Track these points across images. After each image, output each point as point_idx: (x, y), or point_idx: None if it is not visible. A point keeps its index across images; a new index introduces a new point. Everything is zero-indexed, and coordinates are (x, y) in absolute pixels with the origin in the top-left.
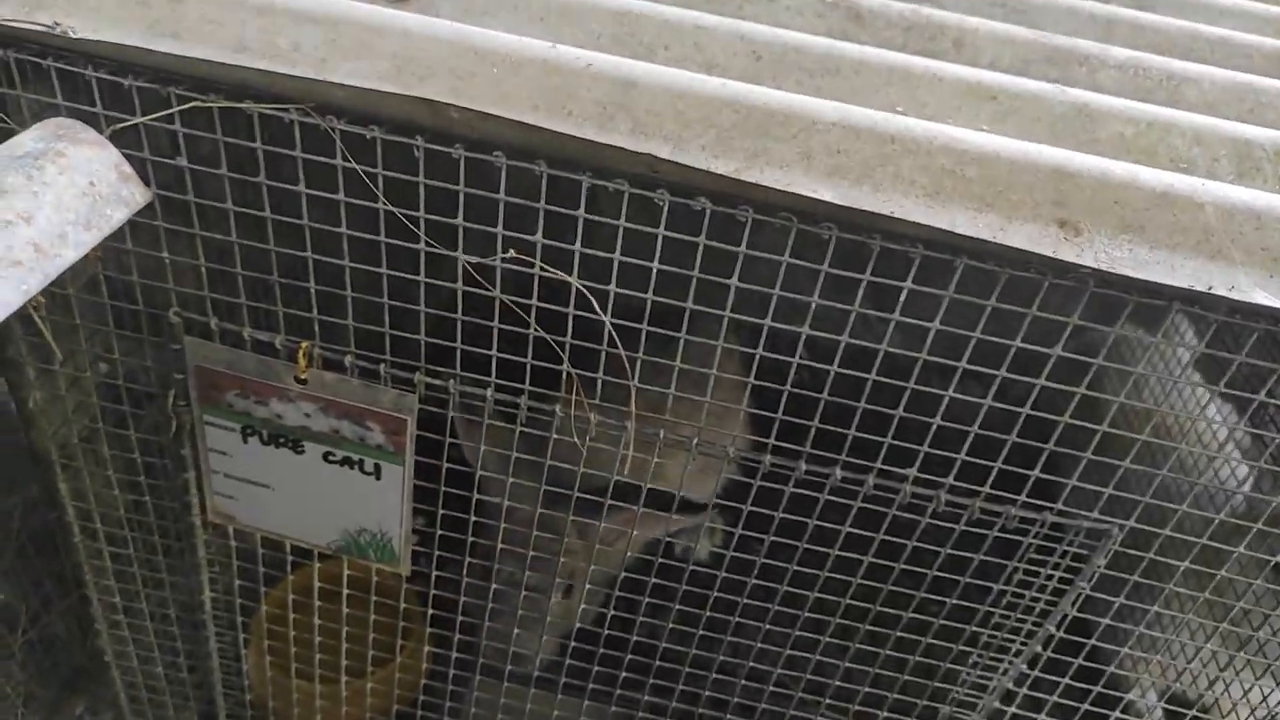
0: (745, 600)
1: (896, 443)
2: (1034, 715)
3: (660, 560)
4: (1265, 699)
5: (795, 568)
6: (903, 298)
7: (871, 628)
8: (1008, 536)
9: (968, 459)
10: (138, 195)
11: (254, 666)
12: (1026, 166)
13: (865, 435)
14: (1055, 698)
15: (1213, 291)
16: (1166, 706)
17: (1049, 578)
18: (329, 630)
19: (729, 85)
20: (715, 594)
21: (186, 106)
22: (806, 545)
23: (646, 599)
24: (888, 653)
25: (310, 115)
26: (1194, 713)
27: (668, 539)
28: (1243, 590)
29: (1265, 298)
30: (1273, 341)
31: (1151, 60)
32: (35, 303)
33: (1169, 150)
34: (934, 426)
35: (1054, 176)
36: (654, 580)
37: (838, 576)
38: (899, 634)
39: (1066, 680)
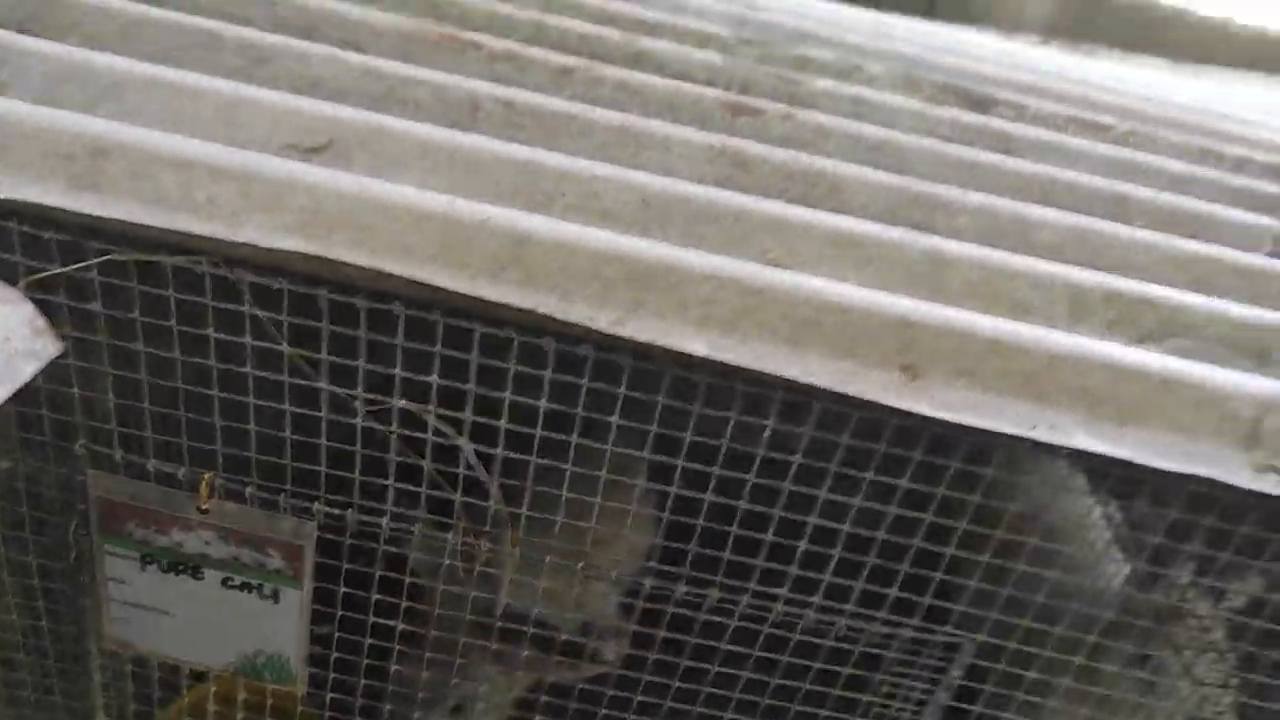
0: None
1: (769, 565)
2: None
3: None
4: None
5: (679, 684)
6: (767, 434)
7: None
8: (877, 652)
9: (834, 579)
10: (50, 348)
11: None
12: (877, 315)
13: (738, 558)
14: None
15: (1035, 433)
16: None
17: (913, 689)
18: None
19: (614, 239)
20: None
21: (103, 260)
22: (688, 663)
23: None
24: None
25: (219, 267)
26: None
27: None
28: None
29: (1085, 440)
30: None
31: (1005, 205)
32: None
33: (1011, 295)
34: (801, 548)
35: (900, 325)
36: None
37: (720, 693)
38: None
39: None
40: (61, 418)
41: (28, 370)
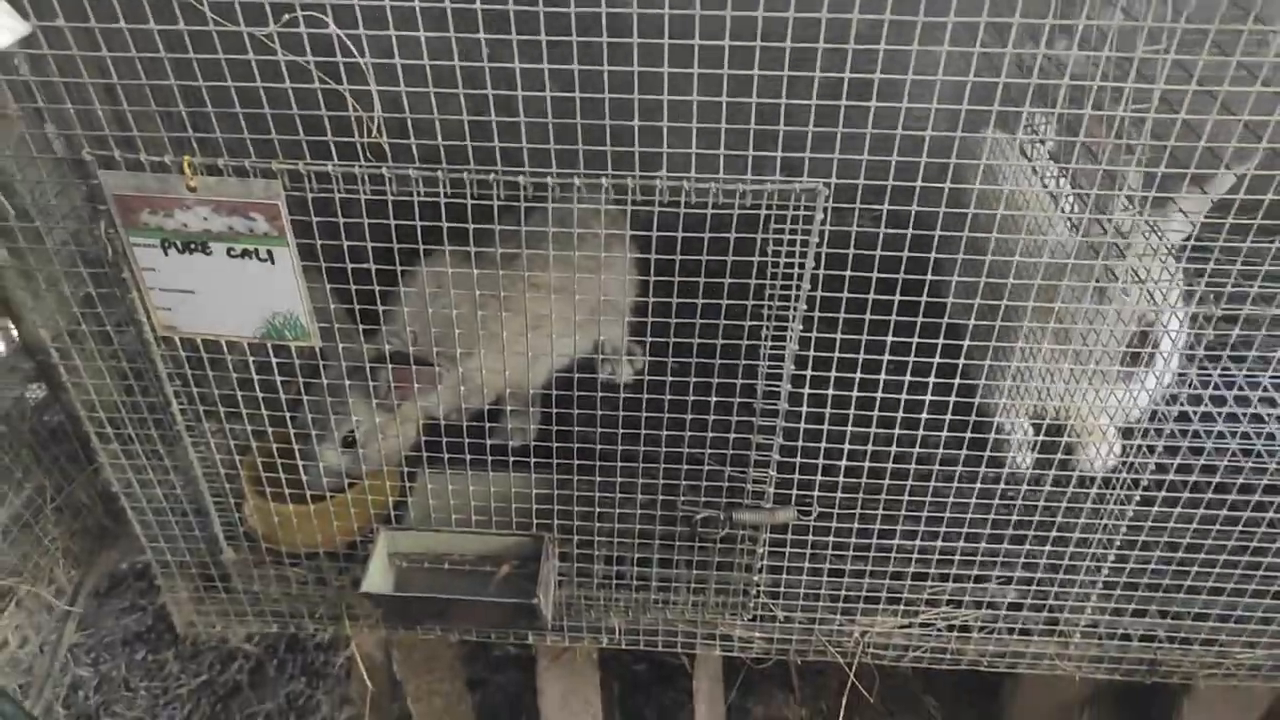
0: None
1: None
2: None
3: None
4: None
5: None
6: None
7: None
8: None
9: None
10: (17, 26)
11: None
12: None
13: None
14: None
15: None
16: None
17: (793, 243)
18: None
19: None
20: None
21: None
22: None
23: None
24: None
25: None
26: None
27: (595, 368)
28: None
29: None
30: None
31: None
32: None
33: None
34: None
35: None
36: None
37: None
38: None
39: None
40: (67, 132)
41: (3, 40)
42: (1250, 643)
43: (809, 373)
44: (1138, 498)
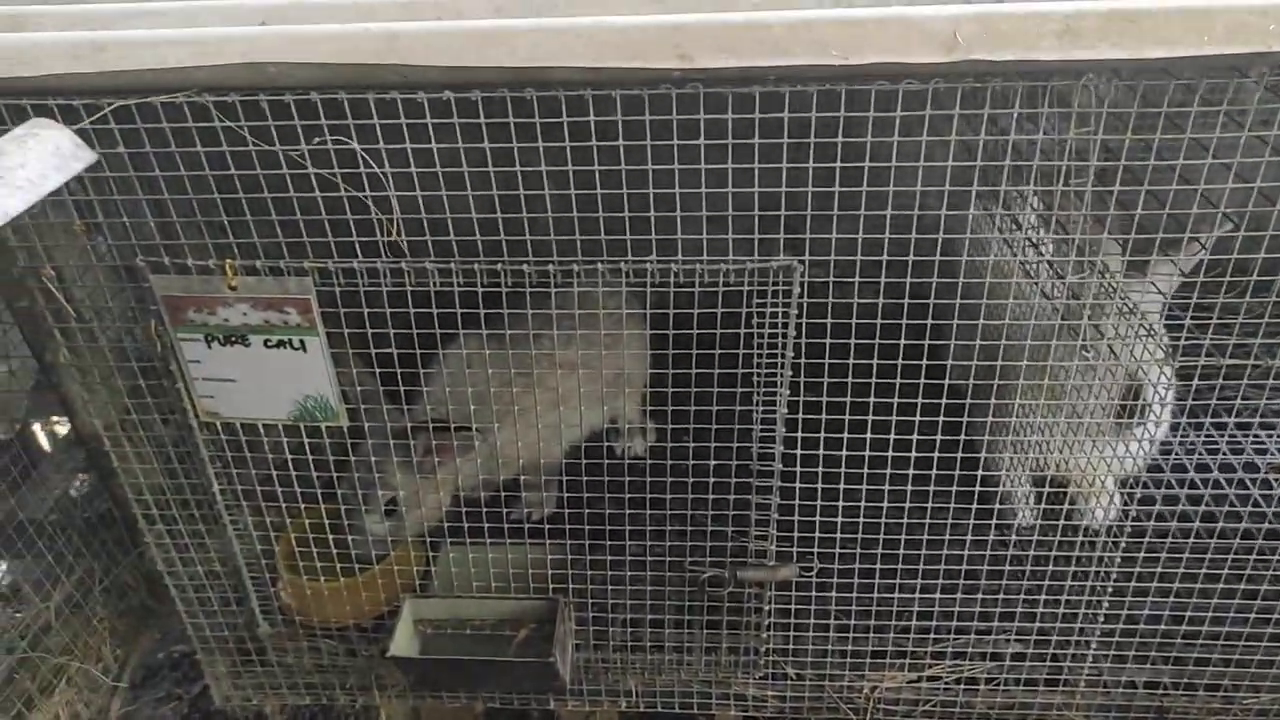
0: None
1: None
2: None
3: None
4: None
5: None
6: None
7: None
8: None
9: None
10: (86, 155)
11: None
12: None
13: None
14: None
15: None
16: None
17: (775, 314)
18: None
19: None
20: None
21: (113, 107)
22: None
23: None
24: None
25: (195, 98)
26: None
27: (609, 443)
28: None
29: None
30: None
31: None
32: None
33: None
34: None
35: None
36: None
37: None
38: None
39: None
40: (121, 242)
41: (75, 166)
42: (1255, 686)
43: (799, 434)
44: (1124, 544)
